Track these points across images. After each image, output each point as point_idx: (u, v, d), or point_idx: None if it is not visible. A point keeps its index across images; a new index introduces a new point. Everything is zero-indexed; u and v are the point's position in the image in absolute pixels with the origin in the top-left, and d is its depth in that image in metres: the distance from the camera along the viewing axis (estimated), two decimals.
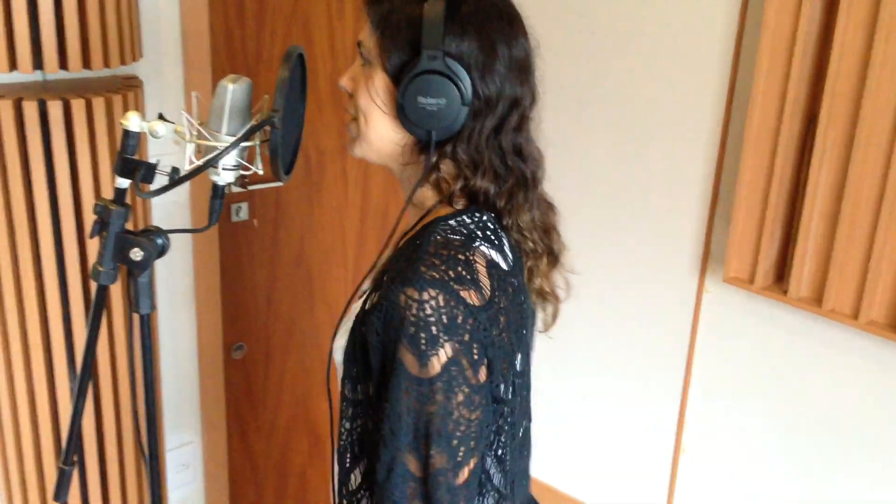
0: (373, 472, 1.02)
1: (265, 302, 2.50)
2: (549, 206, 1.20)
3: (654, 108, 2.33)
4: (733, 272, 2.12)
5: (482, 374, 0.98)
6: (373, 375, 1.02)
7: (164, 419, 2.19)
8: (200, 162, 0.99)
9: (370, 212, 2.63)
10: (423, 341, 0.94)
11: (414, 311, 0.94)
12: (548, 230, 1.17)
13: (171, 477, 2.38)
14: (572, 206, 2.56)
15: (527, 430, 1.20)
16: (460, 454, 0.98)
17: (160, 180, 1.09)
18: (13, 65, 1.60)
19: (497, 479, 1.08)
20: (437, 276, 0.95)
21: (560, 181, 2.55)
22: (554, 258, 1.17)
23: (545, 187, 1.21)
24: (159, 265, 2.16)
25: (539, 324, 1.22)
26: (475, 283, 0.97)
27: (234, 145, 1.00)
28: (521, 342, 1.07)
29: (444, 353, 0.95)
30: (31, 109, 1.64)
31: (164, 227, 1.15)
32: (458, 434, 0.97)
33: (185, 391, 2.36)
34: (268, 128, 1.02)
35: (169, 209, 2.14)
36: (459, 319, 0.95)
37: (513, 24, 1.06)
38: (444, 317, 0.94)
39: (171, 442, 2.36)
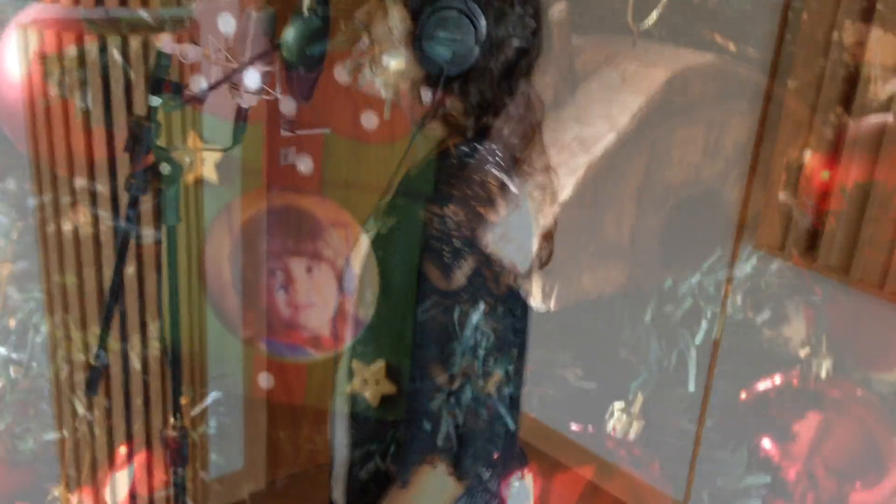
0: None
1: None
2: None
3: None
4: (765, 240, 2.13)
5: (503, 285, 1.03)
6: (392, 294, 1.06)
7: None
8: (220, 79, 1.08)
9: None
10: (446, 255, 0.99)
11: (437, 226, 1.00)
12: (548, 172, 1.20)
13: (212, 409, 2.50)
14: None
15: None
16: (486, 364, 1.02)
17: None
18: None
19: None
20: (457, 194, 1.02)
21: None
22: (554, 197, 1.22)
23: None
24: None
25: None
26: (490, 201, 1.03)
27: (245, 65, 1.08)
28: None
29: (468, 265, 0.99)
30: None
31: (221, 178, 1.23)
32: (485, 343, 1.01)
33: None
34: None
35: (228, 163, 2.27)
36: (480, 233, 1.00)
37: None
38: (465, 230, 1.00)
39: (213, 370, 2.48)
